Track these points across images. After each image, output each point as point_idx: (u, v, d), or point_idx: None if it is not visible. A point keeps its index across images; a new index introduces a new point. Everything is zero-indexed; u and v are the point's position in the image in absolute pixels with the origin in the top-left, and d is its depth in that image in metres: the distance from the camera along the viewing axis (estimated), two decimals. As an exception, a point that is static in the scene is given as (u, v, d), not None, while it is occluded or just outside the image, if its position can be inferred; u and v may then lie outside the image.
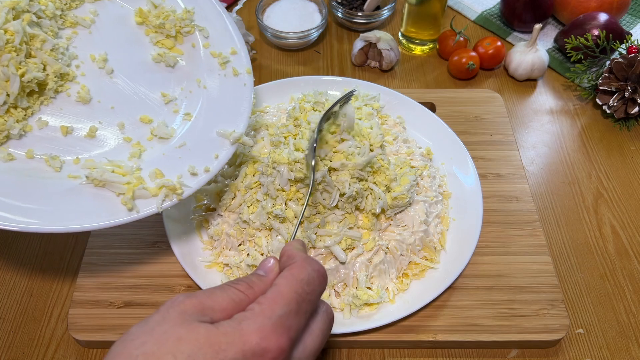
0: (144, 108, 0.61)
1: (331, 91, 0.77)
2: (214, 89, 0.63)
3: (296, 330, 0.35)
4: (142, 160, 0.57)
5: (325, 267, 0.58)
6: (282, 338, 0.33)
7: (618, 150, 0.79)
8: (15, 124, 0.55)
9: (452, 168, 0.70)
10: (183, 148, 0.58)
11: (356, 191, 0.58)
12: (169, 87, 0.63)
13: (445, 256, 0.62)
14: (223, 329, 0.32)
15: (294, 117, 0.66)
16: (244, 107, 0.62)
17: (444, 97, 0.81)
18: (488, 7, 1.00)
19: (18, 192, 0.51)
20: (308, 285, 0.36)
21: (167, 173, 0.55)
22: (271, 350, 0.32)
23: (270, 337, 0.32)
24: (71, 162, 0.55)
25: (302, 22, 0.90)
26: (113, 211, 0.52)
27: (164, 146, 0.59)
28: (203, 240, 0.64)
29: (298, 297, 0.35)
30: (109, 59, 0.62)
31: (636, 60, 0.78)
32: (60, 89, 0.59)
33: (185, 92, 0.63)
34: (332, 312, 0.40)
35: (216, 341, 0.31)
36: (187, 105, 0.62)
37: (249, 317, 0.33)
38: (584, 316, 0.62)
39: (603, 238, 0.69)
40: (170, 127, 0.60)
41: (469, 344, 0.58)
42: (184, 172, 0.56)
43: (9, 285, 0.64)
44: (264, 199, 0.59)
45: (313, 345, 0.37)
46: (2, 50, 0.53)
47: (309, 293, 0.36)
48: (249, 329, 0.32)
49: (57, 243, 0.67)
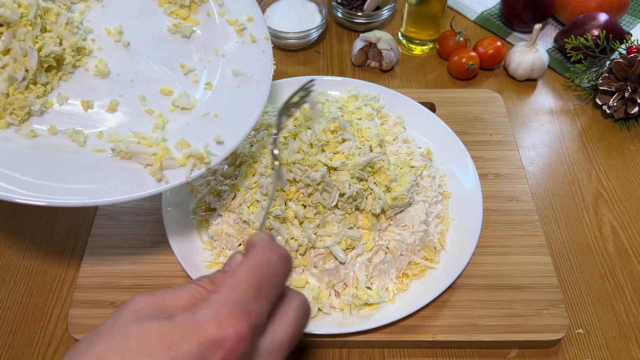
0: (163, 80, 0.61)
1: (331, 91, 0.77)
2: (233, 57, 0.62)
3: (257, 315, 0.32)
4: (166, 132, 0.56)
5: (325, 267, 0.58)
6: (241, 324, 0.30)
7: (618, 150, 0.79)
8: (36, 100, 0.54)
9: (452, 168, 0.70)
10: (207, 117, 0.58)
11: (356, 191, 0.58)
12: (186, 57, 0.63)
13: (445, 256, 0.62)
14: (176, 322, 0.30)
15: (293, 117, 0.66)
16: (264, 73, 0.61)
17: (444, 97, 0.81)
18: (488, 7, 1.00)
19: (44, 168, 0.50)
20: (268, 268, 0.34)
21: (193, 143, 0.54)
22: (229, 337, 0.30)
23: (228, 323, 0.30)
24: (95, 136, 0.55)
25: (302, 22, 0.90)
26: (142, 183, 0.51)
27: (187, 117, 0.58)
28: (203, 240, 0.64)
29: (257, 281, 0.33)
30: (124, 32, 0.62)
31: (636, 60, 0.78)
32: (78, 63, 0.59)
33: (204, 62, 0.63)
34: (308, 303, 0.38)
35: (169, 335, 0.29)
36: (207, 75, 0.62)
37: (203, 306, 0.31)
38: (584, 316, 0.62)
39: (603, 238, 0.69)
40: (191, 97, 0.60)
41: (469, 344, 0.58)
42: (210, 142, 0.55)
43: (9, 285, 0.64)
44: (264, 199, 0.59)
45: (284, 335, 0.34)
46: (17, 24, 0.52)
47: (269, 277, 0.34)
48: (204, 318, 0.30)
49: (57, 243, 0.67)
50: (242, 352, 0.30)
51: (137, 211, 0.67)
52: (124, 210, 0.67)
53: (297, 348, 0.58)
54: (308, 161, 0.58)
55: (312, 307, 0.57)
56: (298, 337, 0.36)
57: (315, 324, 0.56)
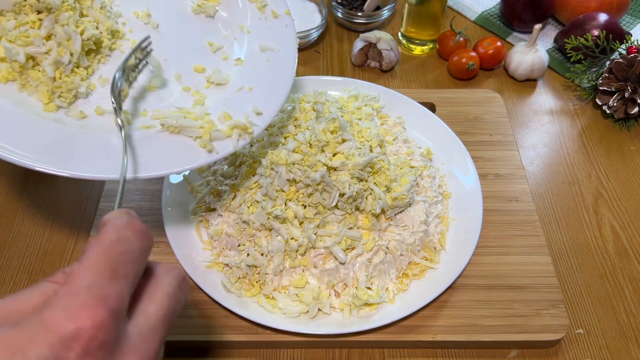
0: (195, 58, 0.63)
1: (331, 91, 0.77)
2: (258, 33, 0.65)
3: (116, 298, 0.28)
4: (206, 107, 0.58)
5: (325, 267, 0.58)
6: (97, 311, 0.27)
7: (618, 151, 0.79)
8: (81, 83, 0.56)
9: (452, 168, 0.70)
10: (242, 91, 0.60)
11: (356, 191, 0.58)
12: (213, 36, 0.65)
13: (445, 256, 0.62)
14: (22, 326, 0.26)
15: (293, 117, 0.66)
16: (290, 46, 0.63)
17: (444, 97, 0.81)
18: (488, 7, 1.00)
19: (97, 146, 0.52)
20: (121, 244, 0.30)
21: (234, 115, 0.57)
22: (85, 328, 0.26)
23: (81, 314, 0.26)
24: (139, 115, 0.57)
25: (302, 22, 0.90)
26: (193, 154, 0.53)
27: (223, 92, 0.61)
28: (203, 241, 0.64)
29: (110, 261, 0.29)
30: (151, 14, 0.64)
31: (636, 61, 0.78)
32: (114, 46, 0.61)
33: (230, 39, 0.65)
34: (183, 275, 0.34)
35: (13, 342, 0.26)
36: (236, 51, 0.64)
37: (51, 302, 0.27)
38: (584, 316, 0.62)
39: (603, 238, 0.69)
40: (224, 73, 0.62)
41: (469, 344, 0.58)
42: (249, 113, 0.57)
43: (9, 285, 0.64)
44: (264, 199, 0.59)
45: (159, 312, 0.31)
46: (60, 9, 0.54)
47: (124, 253, 0.30)
48: (52, 315, 0.26)
49: (57, 243, 0.67)
50: (103, 341, 0.27)
51: (137, 211, 0.67)
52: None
53: (296, 348, 0.59)
54: (308, 161, 0.58)
55: (312, 307, 0.57)
56: (175, 314, 0.33)
57: (315, 324, 0.56)
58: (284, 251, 0.58)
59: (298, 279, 0.59)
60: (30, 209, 0.70)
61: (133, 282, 0.30)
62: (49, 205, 0.71)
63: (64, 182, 0.73)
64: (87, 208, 0.70)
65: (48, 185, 0.73)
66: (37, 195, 0.72)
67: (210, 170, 0.68)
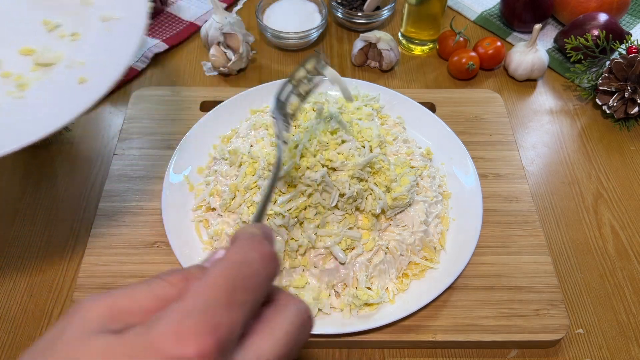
0: (23, 40, 0.59)
1: (331, 91, 0.77)
2: (103, 4, 0.60)
3: (228, 327, 0.25)
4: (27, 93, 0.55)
5: (325, 267, 0.58)
6: (206, 340, 0.24)
7: (618, 151, 0.79)
8: None
9: (452, 168, 0.70)
10: (72, 67, 0.56)
11: (356, 192, 0.58)
12: (51, 14, 0.61)
13: (445, 256, 0.62)
14: (127, 339, 0.25)
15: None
16: (138, 11, 0.58)
17: (444, 97, 0.81)
18: (488, 7, 1.00)
19: None
20: (244, 267, 0.27)
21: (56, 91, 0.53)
22: (189, 357, 0.24)
23: (188, 340, 0.24)
24: None
25: (302, 22, 0.90)
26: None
27: (51, 72, 0.56)
28: (203, 241, 0.64)
29: (229, 284, 0.26)
30: None
31: (636, 61, 0.78)
32: None
33: (71, 15, 0.60)
34: (310, 313, 0.30)
35: (113, 353, 0.24)
36: (73, 26, 0.60)
37: (162, 317, 0.25)
38: (584, 316, 0.62)
39: (603, 238, 0.69)
40: (56, 51, 0.58)
41: (469, 344, 0.58)
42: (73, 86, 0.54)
43: (9, 285, 0.64)
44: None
45: (274, 351, 0.27)
46: None
47: (245, 278, 0.27)
48: (160, 334, 0.24)
49: (57, 244, 0.67)
50: None
51: (137, 211, 0.67)
52: (124, 210, 0.67)
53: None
54: (307, 162, 0.58)
55: (312, 307, 0.57)
56: (293, 356, 0.29)
57: (315, 324, 0.56)
58: (284, 251, 0.58)
59: (298, 279, 0.59)
60: (30, 209, 0.70)
61: (250, 312, 0.27)
62: (49, 205, 0.71)
63: (64, 182, 0.73)
64: (87, 208, 0.70)
65: (48, 185, 0.73)
66: (37, 195, 0.72)
67: (210, 170, 0.68)
